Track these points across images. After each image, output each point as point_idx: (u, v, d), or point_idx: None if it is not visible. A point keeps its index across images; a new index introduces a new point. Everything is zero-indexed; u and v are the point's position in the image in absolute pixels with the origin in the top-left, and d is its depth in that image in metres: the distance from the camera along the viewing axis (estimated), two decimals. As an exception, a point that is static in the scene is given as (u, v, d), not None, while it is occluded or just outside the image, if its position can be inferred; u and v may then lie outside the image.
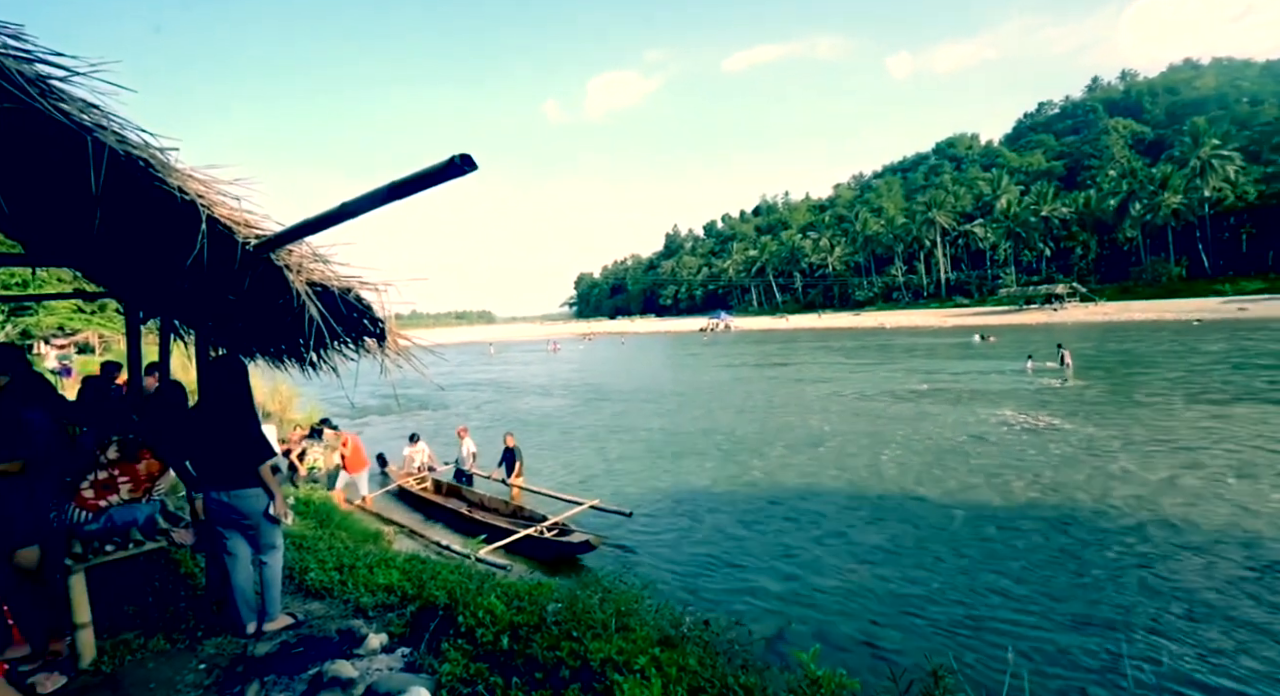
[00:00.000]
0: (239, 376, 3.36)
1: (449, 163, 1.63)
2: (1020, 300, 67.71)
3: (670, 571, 7.05)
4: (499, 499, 9.51)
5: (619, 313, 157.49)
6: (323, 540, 5.12)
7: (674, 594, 6.02)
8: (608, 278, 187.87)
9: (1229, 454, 10.40)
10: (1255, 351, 24.84)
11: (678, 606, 3.70)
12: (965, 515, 8.26)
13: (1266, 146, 68.99)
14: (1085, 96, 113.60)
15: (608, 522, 8.49)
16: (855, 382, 22.54)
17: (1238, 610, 5.47)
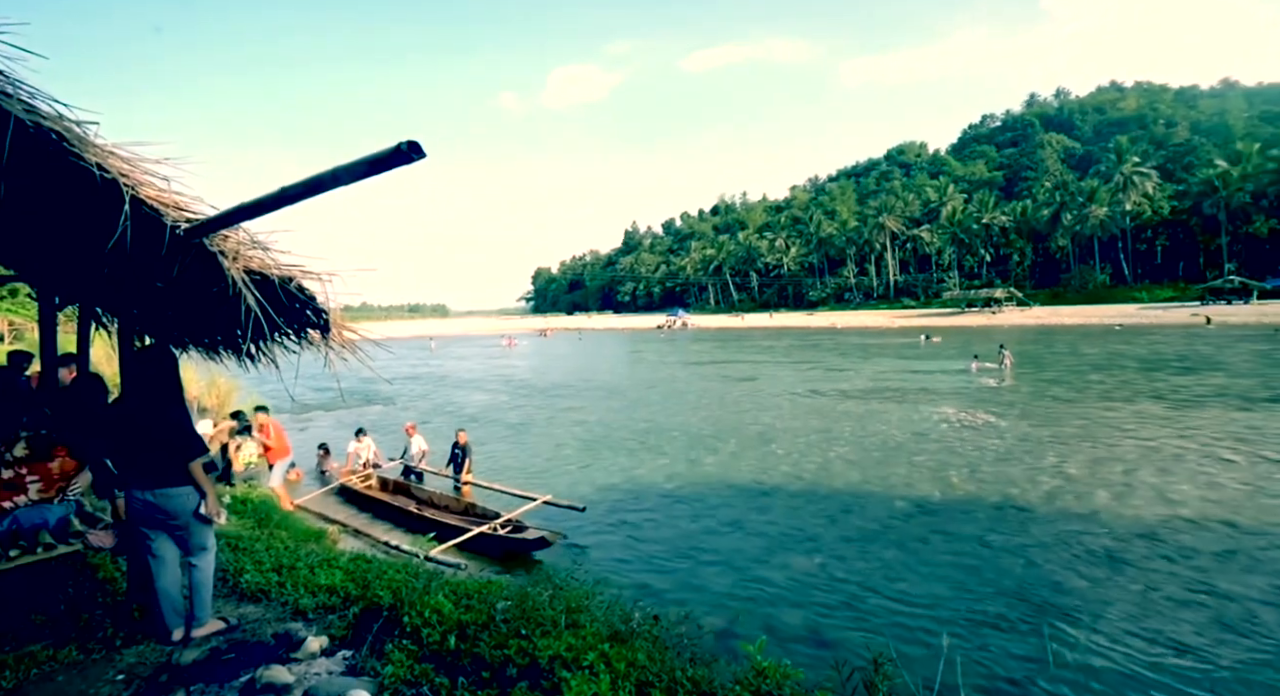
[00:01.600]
0: (168, 368, 3.16)
1: (395, 150, 1.58)
2: (963, 303, 70.92)
3: (623, 566, 7.07)
4: (449, 496, 9.33)
5: (577, 308, 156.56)
6: (261, 540, 4.90)
7: (626, 589, 6.04)
8: (566, 273, 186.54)
9: (1143, 447, 11.20)
10: (1165, 354, 26.84)
11: (629, 602, 3.72)
12: (908, 508, 8.60)
13: (1179, 166, 74.56)
14: (1024, 111, 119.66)
15: (561, 518, 8.45)
16: (808, 380, 23.13)
17: (1151, 593, 5.90)
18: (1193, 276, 65.21)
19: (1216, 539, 7.14)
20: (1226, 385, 18.14)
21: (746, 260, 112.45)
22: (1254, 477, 9.32)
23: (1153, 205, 68.39)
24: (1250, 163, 64.15)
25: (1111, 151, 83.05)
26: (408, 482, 10.10)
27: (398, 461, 10.90)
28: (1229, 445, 11.22)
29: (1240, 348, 28.79)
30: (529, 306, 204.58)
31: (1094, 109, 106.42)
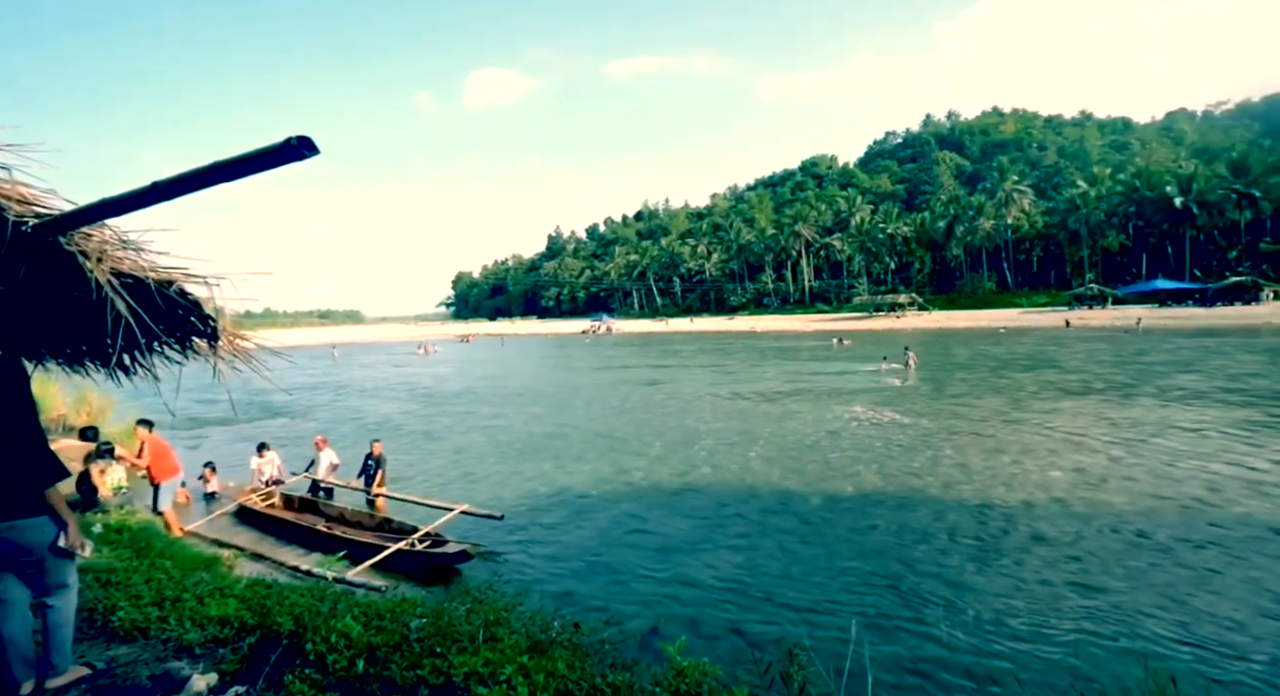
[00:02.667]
0: (17, 384, 2.79)
1: (284, 145, 1.48)
2: (871, 308, 75.58)
3: (546, 574, 6.97)
4: (363, 512, 8.81)
5: (499, 314, 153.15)
6: (139, 572, 4.41)
7: (548, 597, 5.96)
8: (488, 278, 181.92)
9: (1024, 439, 12.39)
10: (1040, 354, 29.90)
11: (550, 611, 3.67)
12: (822, 504, 9.04)
13: (1049, 185, 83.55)
14: (921, 130, 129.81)
15: (481, 527, 8.21)
16: (729, 383, 23.82)
17: (1036, 573, 6.53)
18: (1062, 284, 73.05)
19: (1083, 517, 8.01)
20: (1090, 379, 20.44)
21: (670, 266, 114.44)
22: (1110, 460, 10.54)
23: (1029, 220, 76.10)
24: (1104, 185, 73.03)
25: (995, 170, 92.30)
26: (316, 499, 9.45)
27: (303, 476, 10.18)
28: (1092, 434, 12.63)
29: (1096, 346, 32.55)
30: (449, 312, 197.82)
31: (980, 131, 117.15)
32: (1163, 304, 58.00)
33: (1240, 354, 26.25)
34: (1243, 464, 10.06)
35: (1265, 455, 10.51)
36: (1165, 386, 18.44)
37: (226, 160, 1.57)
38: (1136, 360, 25.85)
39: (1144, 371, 22.15)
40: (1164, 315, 51.22)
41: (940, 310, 71.49)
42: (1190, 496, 8.63)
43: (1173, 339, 35.32)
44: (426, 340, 67.69)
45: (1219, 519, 7.77)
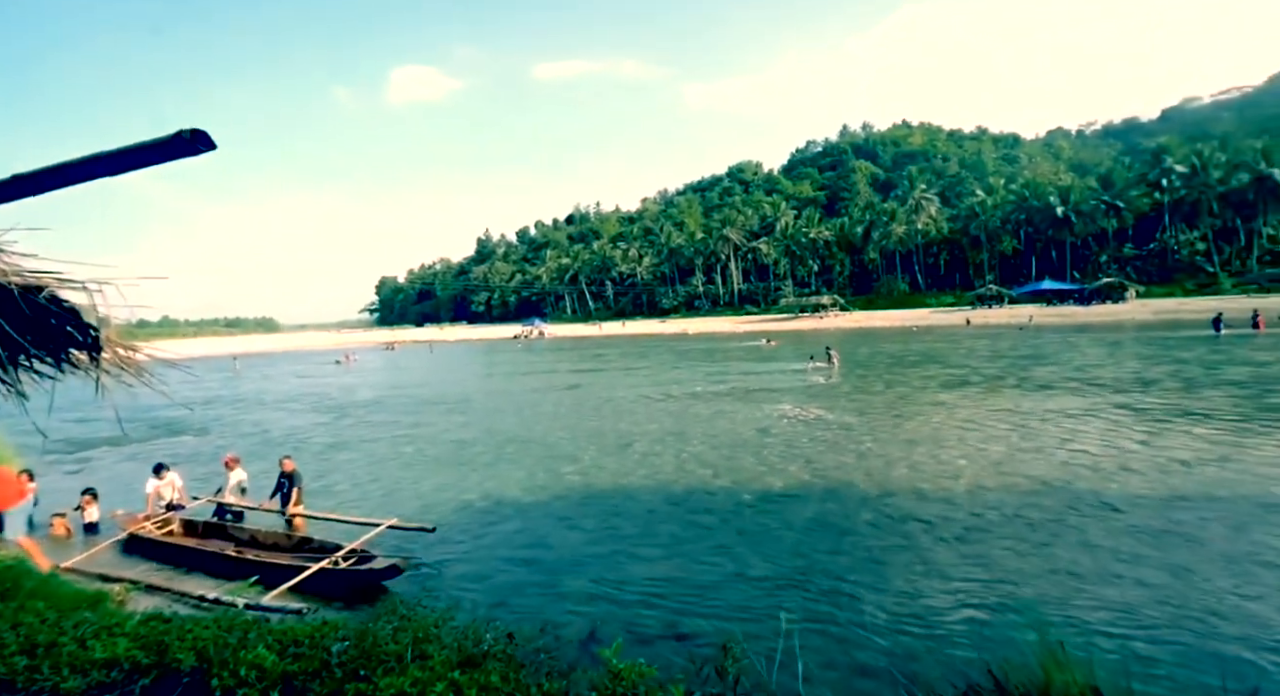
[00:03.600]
0: None
1: (174, 138, 1.37)
2: (796, 309, 78.77)
3: (480, 585, 6.78)
4: (278, 533, 8.23)
5: (427, 319, 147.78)
6: (3, 618, 3.91)
7: (482, 609, 5.81)
8: (414, 282, 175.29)
9: (935, 429, 13.30)
10: (948, 350, 32.22)
11: (484, 623, 3.56)
12: (753, 500, 9.31)
13: (953, 194, 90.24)
14: (839, 140, 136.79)
15: (411, 542, 7.88)
16: (662, 385, 24.09)
17: (947, 553, 6.99)
18: (966, 285, 79.00)
19: (985, 500, 8.68)
20: (991, 373, 22.22)
21: (602, 269, 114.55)
22: (1008, 446, 11.49)
23: (936, 226, 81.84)
24: (998, 195, 79.88)
25: (906, 179, 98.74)
26: (223, 523, 8.73)
27: (204, 500, 9.38)
28: (992, 422, 13.72)
29: (994, 342, 35.46)
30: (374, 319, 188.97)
31: (891, 142, 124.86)
32: (1049, 303, 63.93)
33: (1107, 347, 29.37)
34: (1116, 445, 11.23)
35: (1134, 436, 11.79)
36: (1051, 378, 20.31)
37: (108, 153, 1.43)
38: (1027, 354, 28.35)
39: (1033, 364, 24.32)
40: (1050, 313, 56.51)
41: (860, 310, 75.55)
42: (1074, 476, 9.54)
43: (1057, 334, 39.02)
44: (348, 348, 64.29)
45: (1100, 495, 8.63)
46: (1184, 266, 64.97)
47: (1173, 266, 65.65)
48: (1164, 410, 14.04)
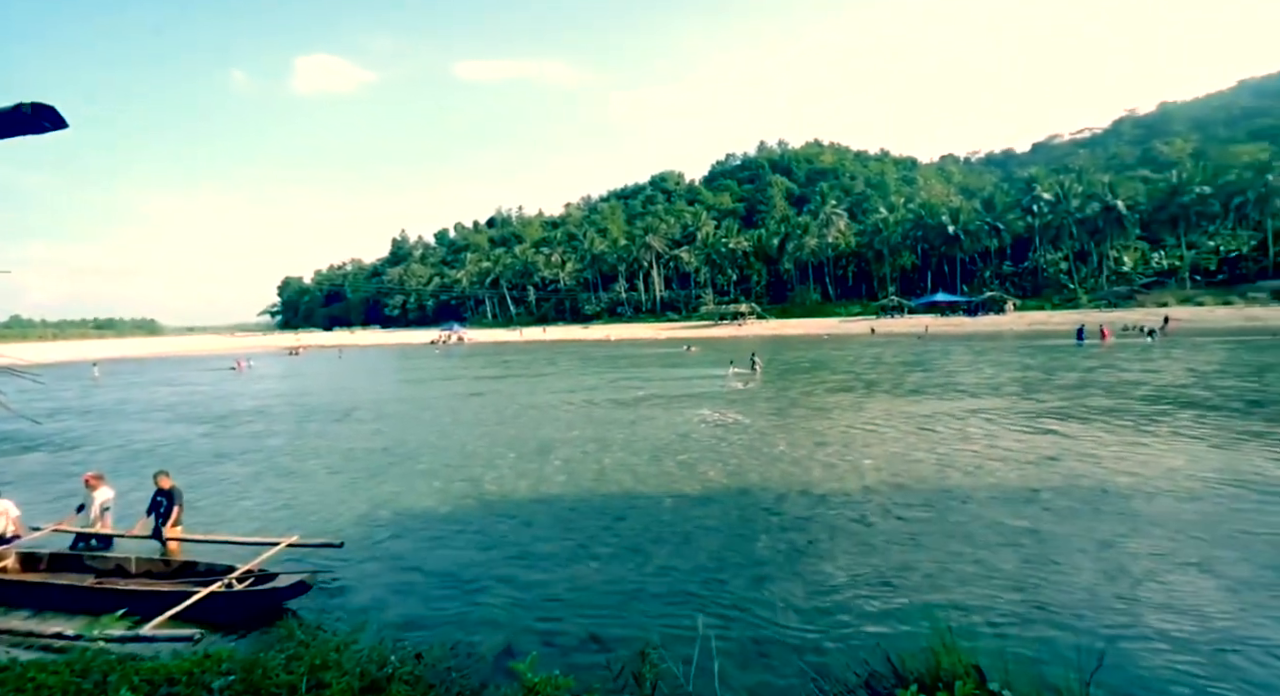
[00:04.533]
0: None
1: (13, 111, 1.20)
2: (716, 316, 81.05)
3: (392, 603, 6.41)
4: (153, 560, 7.38)
5: (336, 323, 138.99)
6: None
7: (391, 628, 5.50)
8: (322, 284, 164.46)
9: (844, 431, 14.08)
10: (854, 357, 34.32)
11: (390, 644, 3.38)
12: (674, 505, 9.43)
13: (859, 211, 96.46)
14: (757, 154, 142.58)
15: (319, 560, 7.34)
16: (584, 391, 23.97)
17: (854, 550, 7.40)
18: (871, 296, 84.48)
19: (887, 497, 9.29)
20: (893, 379, 23.88)
21: (524, 274, 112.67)
22: (906, 447, 12.38)
23: (845, 240, 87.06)
24: (899, 213, 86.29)
25: (818, 194, 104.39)
26: (77, 553, 7.65)
27: (48, 529, 8.15)
28: (894, 424, 14.74)
29: (896, 350, 38.20)
30: (275, 322, 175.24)
31: (805, 159, 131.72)
32: (943, 314, 69.63)
33: (991, 354, 32.42)
34: (998, 444, 12.38)
35: (1012, 436, 13.05)
36: (947, 383, 22.11)
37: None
38: (925, 361, 30.73)
39: (931, 370, 26.39)
40: (943, 323, 61.59)
41: (775, 319, 78.89)
42: (962, 473, 10.42)
43: (949, 342, 42.59)
44: (243, 353, 59.24)
45: (983, 491, 9.47)
46: (1051, 283, 72.95)
47: (1042, 283, 73.53)
48: (1052, 411, 15.64)
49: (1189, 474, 9.82)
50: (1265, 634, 5.18)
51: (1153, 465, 10.41)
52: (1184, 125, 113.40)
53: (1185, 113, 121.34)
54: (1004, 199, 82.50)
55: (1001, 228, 76.10)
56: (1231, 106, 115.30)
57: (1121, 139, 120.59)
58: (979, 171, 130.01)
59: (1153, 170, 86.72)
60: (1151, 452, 11.24)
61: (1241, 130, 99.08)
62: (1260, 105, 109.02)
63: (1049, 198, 74.45)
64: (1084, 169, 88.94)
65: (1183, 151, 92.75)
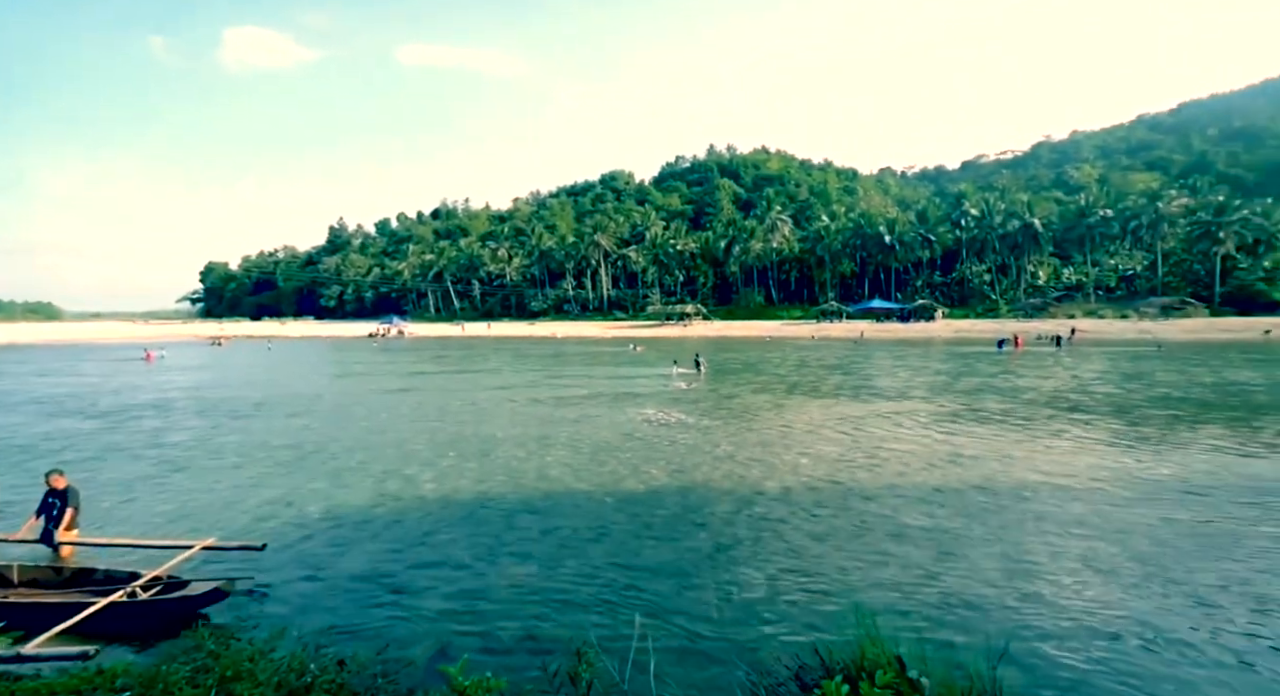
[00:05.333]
0: None
1: None
2: (663, 317, 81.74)
3: (318, 608, 6.12)
4: (41, 567, 6.73)
5: (265, 312, 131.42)
6: None
7: (315, 634, 5.24)
8: (250, 271, 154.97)
9: (783, 431, 14.49)
10: (796, 359, 35.42)
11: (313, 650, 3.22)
12: (615, 503, 9.44)
13: (803, 217, 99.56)
14: (706, 158, 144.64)
15: (239, 563, 6.92)
16: (527, 389, 23.65)
17: (789, 546, 7.62)
18: (812, 301, 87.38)
19: (823, 495, 9.64)
20: (840, 381, 24.77)
21: (469, 268, 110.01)
22: (842, 447, 12.88)
23: (789, 245, 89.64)
24: (840, 221, 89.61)
25: (764, 200, 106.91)
26: None
27: None
28: (831, 424, 15.30)
29: (835, 352, 39.68)
30: (197, 309, 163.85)
31: (752, 164, 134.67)
32: (878, 319, 72.86)
33: (921, 359, 34.20)
34: (920, 444, 13.07)
35: (933, 437, 13.81)
36: (879, 387, 23.15)
37: None
38: (860, 365, 32.06)
39: (865, 374, 27.56)
40: (879, 328, 64.45)
41: (720, 320, 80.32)
42: (889, 472, 10.94)
43: (883, 347, 44.60)
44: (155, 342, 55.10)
45: (911, 488, 9.97)
46: (976, 293, 77.71)
47: (968, 293, 78.21)
48: (970, 415, 16.61)
49: (1064, 472, 10.68)
50: (1143, 618, 5.70)
51: (1034, 465, 11.26)
52: (1092, 152, 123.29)
53: (1092, 141, 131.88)
54: (936, 213, 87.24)
55: (933, 240, 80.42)
56: (1130, 138, 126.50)
57: (1039, 162, 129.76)
58: (914, 185, 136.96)
59: (1065, 192, 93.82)
60: (1031, 451, 12.16)
61: (1139, 160, 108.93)
62: (1154, 139, 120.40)
63: (975, 213, 79.26)
64: (1006, 188, 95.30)
65: (1090, 177, 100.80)
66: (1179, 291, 66.65)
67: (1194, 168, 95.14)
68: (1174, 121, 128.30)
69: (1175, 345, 40.92)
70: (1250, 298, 61.82)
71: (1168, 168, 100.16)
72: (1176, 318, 60.22)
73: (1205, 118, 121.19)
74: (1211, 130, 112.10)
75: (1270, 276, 63.49)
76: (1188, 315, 60.72)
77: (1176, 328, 54.61)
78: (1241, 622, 5.61)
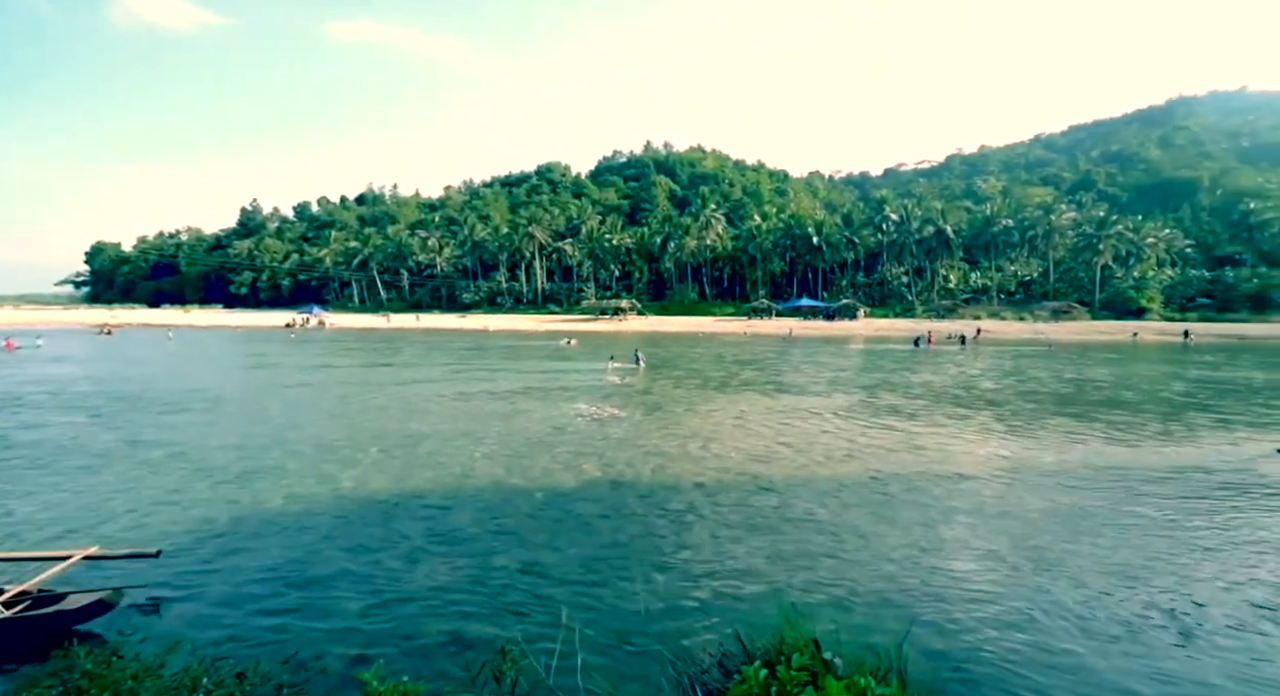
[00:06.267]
0: None
1: None
2: (597, 311, 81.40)
3: (220, 618, 5.71)
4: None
5: (166, 299, 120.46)
6: None
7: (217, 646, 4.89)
8: (147, 253, 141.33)
9: (713, 425, 14.83)
10: (727, 356, 36.33)
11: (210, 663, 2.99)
12: (545, 498, 9.36)
13: (736, 217, 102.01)
14: (643, 154, 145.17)
15: (131, 573, 6.33)
16: (457, 383, 22.98)
17: (714, 537, 7.81)
18: (744, 298, 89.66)
19: (747, 487, 9.95)
20: (768, 378, 25.57)
21: (397, 257, 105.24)
22: (767, 440, 13.34)
23: (723, 243, 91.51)
24: (771, 221, 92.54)
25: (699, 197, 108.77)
26: None
27: None
28: (756, 419, 15.80)
29: (765, 349, 41.03)
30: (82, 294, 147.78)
31: (688, 162, 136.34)
32: (806, 317, 75.83)
33: (843, 357, 35.97)
34: (847, 436, 13.76)
35: (858, 429, 14.57)
36: (805, 382, 24.13)
37: None
38: (788, 361, 33.29)
39: (792, 369, 28.65)
40: (806, 326, 67.11)
41: (655, 315, 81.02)
42: (811, 463, 11.44)
43: (810, 344, 46.51)
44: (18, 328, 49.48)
45: (838, 479, 10.47)
46: (895, 294, 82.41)
47: (888, 293, 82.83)
48: (893, 409, 17.59)
49: (968, 463, 11.61)
50: (1029, 594, 6.27)
51: (946, 457, 12.17)
52: (997, 166, 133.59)
53: (998, 156, 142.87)
54: (860, 216, 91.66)
55: (857, 242, 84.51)
56: (1029, 155, 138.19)
57: (952, 173, 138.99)
58: (841, 189, 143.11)
59: (974, 202, 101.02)
60: (921, 442, 13.14)
61: (1036, 175, 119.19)
62: (1048, 157, 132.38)
63: (895, 218, 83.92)
64: (923, 196, 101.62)
65: (995, 189, 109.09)
66: (1067, 296, 73.82)
67: (1080, 185, 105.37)
68: (1065, 142, 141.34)
69: (1063, 345, 45.05)
70: (1124, 303, 69.88)
71: (1059, 184, 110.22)
72: (1065, 320, 66.50)
73: (1089, 140, 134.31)
74: (1094, 152, 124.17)
75: (1138, 285, 72.19)
76: (1074, 318, 67.26)
77: (1065, 329, 60.19)
78: (1115, 595, 6.28)
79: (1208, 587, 6.41)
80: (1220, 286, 71.30)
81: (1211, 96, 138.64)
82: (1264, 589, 6.37)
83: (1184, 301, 70.95)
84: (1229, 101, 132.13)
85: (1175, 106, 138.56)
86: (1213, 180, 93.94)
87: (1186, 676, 4.93)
